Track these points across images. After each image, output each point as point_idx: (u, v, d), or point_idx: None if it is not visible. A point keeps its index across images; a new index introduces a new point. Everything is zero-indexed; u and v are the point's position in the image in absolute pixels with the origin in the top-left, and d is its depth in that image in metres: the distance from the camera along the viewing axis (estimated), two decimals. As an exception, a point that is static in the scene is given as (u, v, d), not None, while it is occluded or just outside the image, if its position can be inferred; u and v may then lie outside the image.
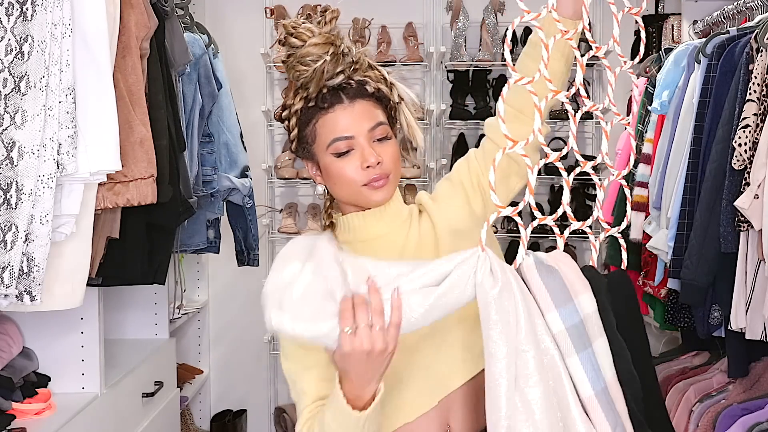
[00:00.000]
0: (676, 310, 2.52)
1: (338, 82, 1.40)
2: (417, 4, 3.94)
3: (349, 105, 1.40)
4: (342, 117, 1.40)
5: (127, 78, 1.90)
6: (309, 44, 1.38)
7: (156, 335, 3.02)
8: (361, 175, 1.39)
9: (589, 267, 1.29)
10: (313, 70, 1.39)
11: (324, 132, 1.41)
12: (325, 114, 1.41)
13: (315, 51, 1.38)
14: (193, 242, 2.87)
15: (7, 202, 1.56)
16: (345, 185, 1.41)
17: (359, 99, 1.41)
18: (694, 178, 2.20)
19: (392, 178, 1.42)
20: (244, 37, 3.89)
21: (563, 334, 1.17)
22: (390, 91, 1.44)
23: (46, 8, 1.60)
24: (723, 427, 2.17)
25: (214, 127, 2.84)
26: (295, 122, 1.44)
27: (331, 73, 1.39)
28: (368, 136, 1.40)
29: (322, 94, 1.41)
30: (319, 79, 1.39)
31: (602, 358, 1.19)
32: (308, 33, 1.38)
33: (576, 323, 1.18)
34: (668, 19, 3.46)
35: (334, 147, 1.40)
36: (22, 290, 1.60)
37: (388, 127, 1.42)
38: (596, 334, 1.20)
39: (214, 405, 4.04)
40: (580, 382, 1.17)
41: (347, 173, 1.40)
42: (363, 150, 1.39)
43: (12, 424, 1.99)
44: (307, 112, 1.42)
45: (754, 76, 1.97)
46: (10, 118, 1.58)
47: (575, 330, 1.18)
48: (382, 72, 1.45)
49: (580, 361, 1.17)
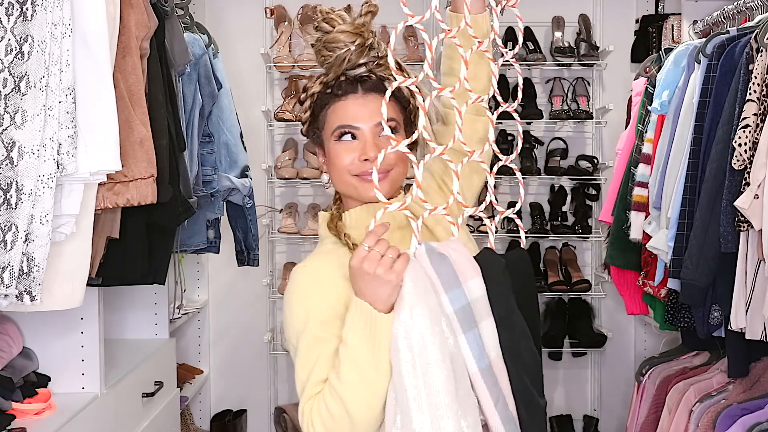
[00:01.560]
0: (676, 310, 2.52)
1: (358, 73, 1.43)
2: (417, 4, 3.93)
3: (362, 96, 1.43)
4: (352, 106, 1.42)
5: (127, 78, 1.90)
6: (337, 30, 1.41)
7: (156, 335, 3.02)
8: (355, 166, 1.42)
9: (487, 249, 1.39)
10: (336, 57, 1.41)
11: (333, 118, 1.44)
12: (337, 101, 1.43)
13: (342, 38, 1.41)
14: (193, 242, 2.86)
15: (7, 202, 1.56)
16: (339, 172, 1.43)
17: (374, 93, 1.43)
18: (694, 178, 2.20)
19: (393, 174, 1.44)
20: (244, 37, 3.89)
21: (452, 316, 1.29)
22: (412, 95, 1.46)
23: (46, 8, 1.60)
24: (723, 427, 2.17)
25: (214, 127, 2.84)
26: (309, 104, 1.47)
27: (353, 62, 1.42)
28: (374, 131, 1.42)
29: (339, 81, 1.44)
30: (339, 66, 1.42)
31: (487, 337, 1.31)
32: (339, 20, 1.41)
33: (464, 305, 1.30)
34: (668, 19, 3.47)
35: (338, 133, 1.42)
36: (22, 290, 1.60)
37: (397, 123, 1.44)
38: (483, 315, 1.31)
39: (214, 405, 4.04)
40: (467, 359, 1.29)
41: (342, 161, 1.42)
42: (365, 143, 1.41)
43: (12, 424, 1.99)
44: (323, 97, 1.45)
45: (754, 76, 1.97)
46: (10, 118, 1.58)
47: (462, 312, 1.29)
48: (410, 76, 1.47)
49: (466, 341, 1.29)
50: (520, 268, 1.43)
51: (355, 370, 1.28)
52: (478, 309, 1.31)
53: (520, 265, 1.43)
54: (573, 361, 3.97)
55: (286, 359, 3.96)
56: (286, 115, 3.75)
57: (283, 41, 3.80)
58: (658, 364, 2.83)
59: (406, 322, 1.25)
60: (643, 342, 3.92)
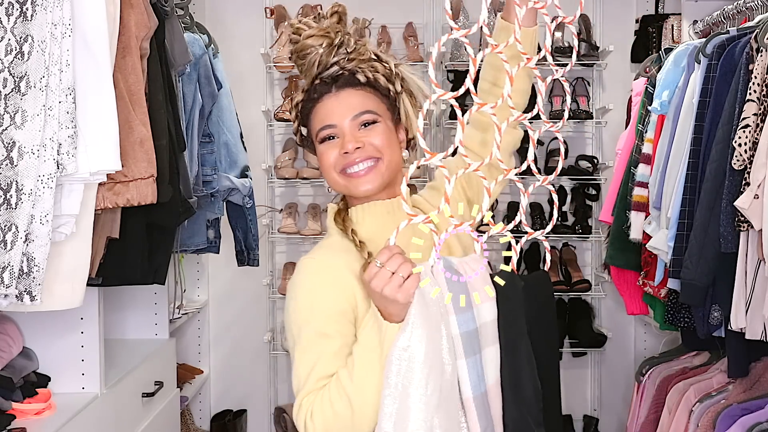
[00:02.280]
0: (676, 310, 2.52)
1: (331, 72, 1.44)
2: (417, 4, 3.94)
3: (335, 94, 1.43)
4: (328, 105, 1.43)
5: (127, 78, 1.90)
6: (304, 37, 1.42)
7: (156, 335, 3.02)
8: (339, 162, 1.42)
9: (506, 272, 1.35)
10: (308, 61, 1.43)
11: (315, 122, 1.45)
12: (315, 104, 1.45)
13: (310, 43, 1.42)
14: (193, 242, 2.86)
15: (7, 202, 1.56)
16: (327, 173, 1.45)
17: (347, 88, 1.43)
18: (694, 178, 2.20)
19: (384, 163, 1.43)
20: (244, 37, 3.89)
21: (457, 338, 1.28)
22: (389, 81, 1.46)
23: (46, 8, 1.60)
24: (723, 427, 2.17)
25: (214, 127, 2.84)
26: (295, 115, 1.49)
27: (324, 63, 1.43)
28: (352, 124, 1.42)
29: (315, 85, 1.45)
30: (311, 69, 1.43)
31: (489, 365, 1.31)
32: (305, 27, 1.43)
33: (470, 330, 1.29)
34: (668, 19, 3.47)
35: (320, 135, 1.44)
36: (22, 290, 1.60)
37: (376, 114, 1.43)
38: (489, 341, 1.31)
39: (214, 405, 4.04)
40: (463, 384, 1.29)
41: (327, 159, 1.43)
42: (344, 137, 1.42)
43: (12, 424, 1.99)
44: (306, 105, 1.47)
45: (754, 76, 1.97)
46: (10, 118, 1.58)
47: (468, 336, 1.29)
48: (387, 62, 1.47)
49: (466, 366, 1.29)
50: (538, 292, 1.41)
51: (367, 372, 1.29)
52: (485, 334, 1.31)
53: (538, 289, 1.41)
54: (573, 361, 3.97)
55: (286, 359, 3.96)
56: (286, 115, 3.74)
57: (283, 41, 3.80)
58: (658, 364, 2.83)
59: (401, 346, 1.26)
60: (643, 342, 3.92)
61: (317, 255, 1.45)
